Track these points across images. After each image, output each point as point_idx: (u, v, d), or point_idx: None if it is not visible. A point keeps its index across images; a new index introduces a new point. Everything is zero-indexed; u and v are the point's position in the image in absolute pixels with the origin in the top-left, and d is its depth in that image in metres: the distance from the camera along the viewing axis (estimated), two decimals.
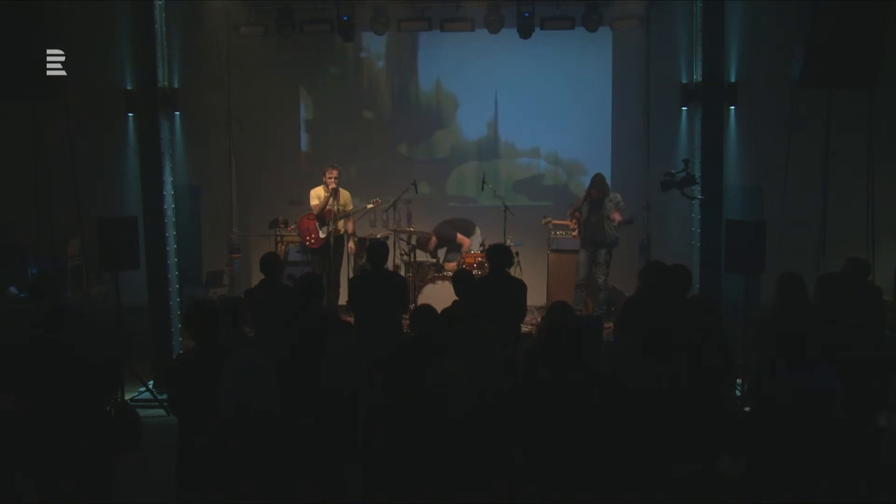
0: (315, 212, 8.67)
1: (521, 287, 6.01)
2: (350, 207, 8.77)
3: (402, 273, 8.51)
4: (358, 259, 8.68)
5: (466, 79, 10.39)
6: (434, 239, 9.03)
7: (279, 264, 6.24)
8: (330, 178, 8.64)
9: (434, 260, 8.78)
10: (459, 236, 9.03)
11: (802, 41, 6.78)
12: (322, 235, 8.67)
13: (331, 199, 8.61)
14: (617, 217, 8.29)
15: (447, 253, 9.22)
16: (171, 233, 7.36)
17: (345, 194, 8.77)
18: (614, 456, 3.36)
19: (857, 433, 4.50)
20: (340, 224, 8.78)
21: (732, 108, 7.77)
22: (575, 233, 8.72)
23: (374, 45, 10.25)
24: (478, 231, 9.07)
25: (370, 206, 8.81)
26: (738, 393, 6.22)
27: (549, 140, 10.40)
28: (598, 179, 8.42)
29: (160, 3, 7.20)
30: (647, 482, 3.38)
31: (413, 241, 8.86)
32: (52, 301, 5.96)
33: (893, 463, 4.40)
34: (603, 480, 3.31)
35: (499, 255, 6.04)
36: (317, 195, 8.70)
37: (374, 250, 6.08)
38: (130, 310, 7.00)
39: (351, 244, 8.80)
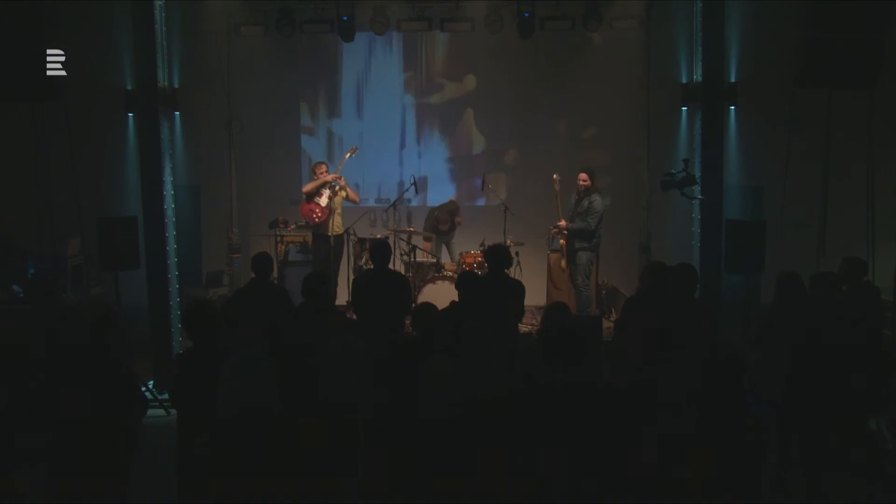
0: (304, 190, 8.75)
1: (519, 287, 6.01)
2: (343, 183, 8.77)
3: (402, 273, 8.50)
4: (358, 259, 8.68)
5: (465, 79, 10.40)
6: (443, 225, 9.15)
7: (270, 264, 6.23)
8: (321, 172, 8.68)
9: (434, 260, 8.78)
10: (437, 215, 9.16)
11: (802, 41, 6.78)
12: (323, 204, 8.65)
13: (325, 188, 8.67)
14: (561, 224, 8.23)
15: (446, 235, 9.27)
16: (171, 233, 7.35)
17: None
18: (615, 458, 3.35)
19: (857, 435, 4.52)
20: (339, 224, 8.76)
21: (732, 108, 7.77)
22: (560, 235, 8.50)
23: (375, 45, 10.25)
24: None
25: (348, 154, 8.80)
26: None
27: (548, 140, 10.40)
28: (580, 174, 8.28)
29: (160, 3, 7.19)
30: (646, 485, 3.37)
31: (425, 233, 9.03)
32: (50, 301, 5.93)
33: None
34: (603, 483, 3.31)
35: (498, 256, 6.03)
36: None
37: (377, 250, 6.07)
38: (130, 310, 7.00)
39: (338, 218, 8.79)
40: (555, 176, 8.44)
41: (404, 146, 10.62)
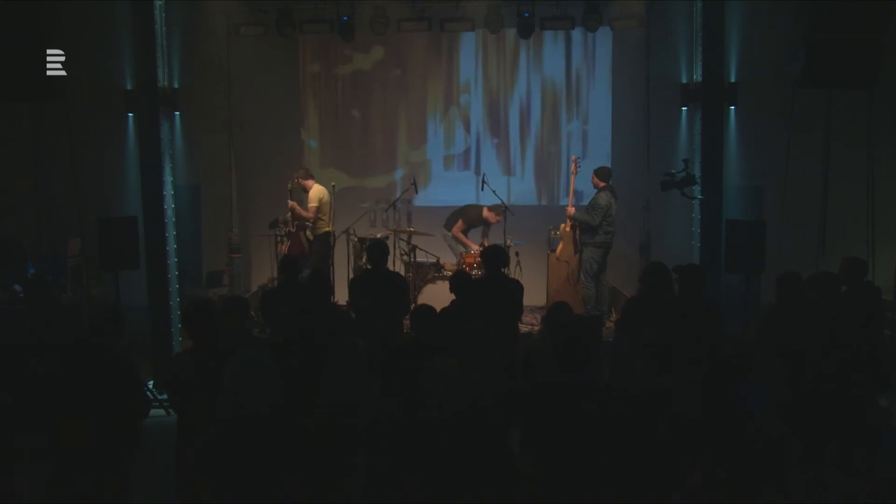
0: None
1: (517, 287, 6.01)
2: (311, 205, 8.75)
3: (403, 273, 8.50)
4: (358, 259, 8.68)
5: (467, 79, 10.41)
6: (461, 222, 9.12)
7: (297, 266, 6.26)
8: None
9: (434, 259, 8.78)
10: (486, 211, 9.05)
11: (802, 41, 6.78)
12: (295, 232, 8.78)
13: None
14: (569, 210, 8.46)
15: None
16: (171, 233, 7.35)
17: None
18: (622, 460, 3.34)
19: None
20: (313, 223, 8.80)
21: (732, 108, 7.77)
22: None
23: (375, 45, 10.25)
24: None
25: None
26: None
27: (548, 140, 10.41)
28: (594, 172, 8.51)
29: (160, 3, 7.19)
30: (656, 488, 3.36)
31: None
32: (50, 301, 5.93)
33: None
34: (607, 482, 3.30)
35: (494, 256, 6.04)
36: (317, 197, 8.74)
37: (374, 250, 6.07)
38: (130, 310, 6.99)
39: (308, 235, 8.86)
40: (573, 157, 8.57)
41: (404, 146, 10.63)
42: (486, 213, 9.02)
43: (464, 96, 10.44)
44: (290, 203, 8.77)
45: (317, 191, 8.73)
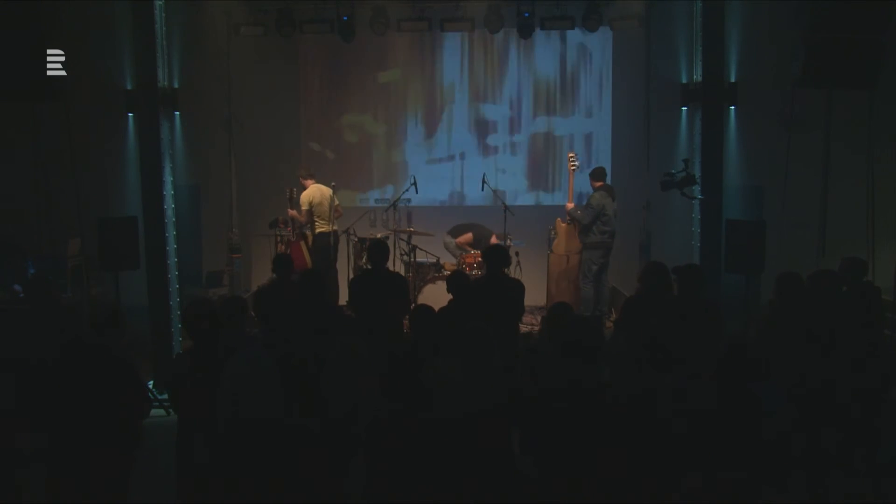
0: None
1: (518, 287, 6.00)
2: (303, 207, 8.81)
3: (403, 273, 8.50)
4: (358, 259, 8.69)
5: (466, 78, 10.41)
6: (470, 235, 9.15)
7: (291, 264, 6.27)
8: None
9: (434, 259, 8.79)
10: (494, 239, 9.03)
11: (802, 41, 6.78)
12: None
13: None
14: (568, 205, 8.53)
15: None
16: (171, 233, 7.35)
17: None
18: (621, 460, 3.34)
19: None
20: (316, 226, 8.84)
21: (732, 108, 7.77)
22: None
23: (375, 45, 10.25)
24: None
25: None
26: None
27: (548, 140, 10.41)
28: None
29: (160, 3, 7.19)
30: (656, 488, 3.36)
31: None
32: (50, 301, 5.93)
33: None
34: (610, 485, 3.29)
35: (495, 256, 6.04)
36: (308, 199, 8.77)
37: (374, 250, 6.07)
38: (130, 310, 6.98)
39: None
40: (570, 154, 8.57)
41: (404, 146, 10.63)
42: (494, 240, 9.01)
43: (459, 94, 10.44)
44: (291, 212, 8.78)
45: (307, 193, 8.76)
